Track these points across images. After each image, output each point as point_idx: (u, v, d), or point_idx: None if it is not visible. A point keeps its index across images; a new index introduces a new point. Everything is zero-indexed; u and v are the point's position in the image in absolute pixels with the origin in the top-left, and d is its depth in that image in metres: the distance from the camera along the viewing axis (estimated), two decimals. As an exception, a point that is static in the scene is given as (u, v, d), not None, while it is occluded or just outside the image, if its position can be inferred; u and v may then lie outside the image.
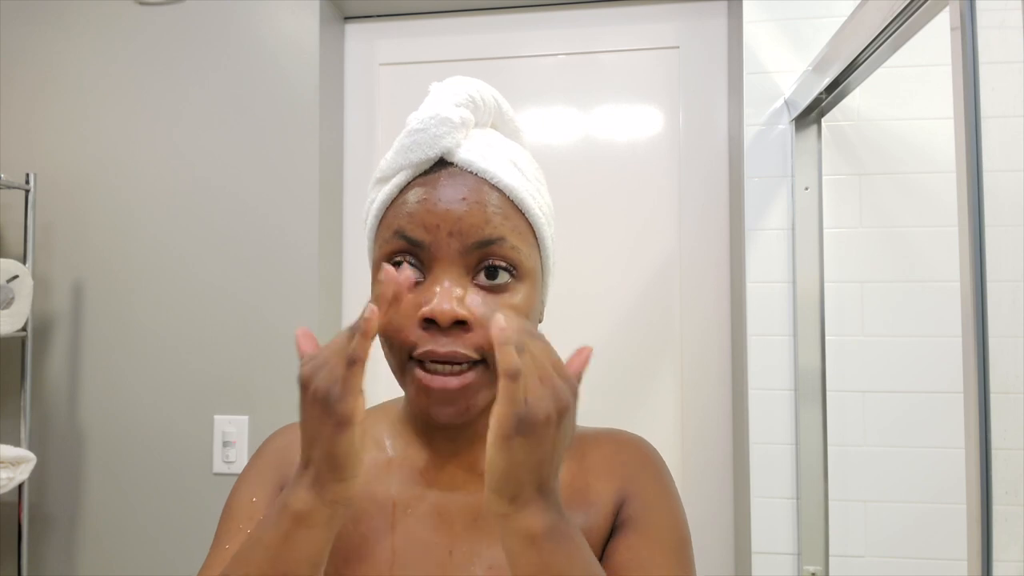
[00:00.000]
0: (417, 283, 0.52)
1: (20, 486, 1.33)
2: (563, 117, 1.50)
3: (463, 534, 0.56)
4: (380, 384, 1.51)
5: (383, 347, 0.54)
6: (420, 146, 0.53)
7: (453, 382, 0.50)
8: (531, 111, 1.50)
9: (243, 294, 1.41)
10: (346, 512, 0.47)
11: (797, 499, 1.22)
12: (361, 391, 0.45)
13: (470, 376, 0.51)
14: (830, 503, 1.21)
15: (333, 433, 0.44)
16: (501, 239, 0.52)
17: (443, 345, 0.50)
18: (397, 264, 0.53)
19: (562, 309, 1.45)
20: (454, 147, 0.53)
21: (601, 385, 1.44)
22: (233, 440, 1.39)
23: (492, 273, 0.52)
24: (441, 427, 0.58)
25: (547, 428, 0.42)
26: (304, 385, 0.45)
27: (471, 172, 0.53)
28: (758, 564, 1.23)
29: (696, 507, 1.38)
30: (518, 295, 0.53)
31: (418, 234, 0.52)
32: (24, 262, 1.36)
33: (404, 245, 0.52)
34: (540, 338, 0.44)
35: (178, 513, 1.40)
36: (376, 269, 0.56)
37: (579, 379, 0.45)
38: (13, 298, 1.32)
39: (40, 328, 1.46)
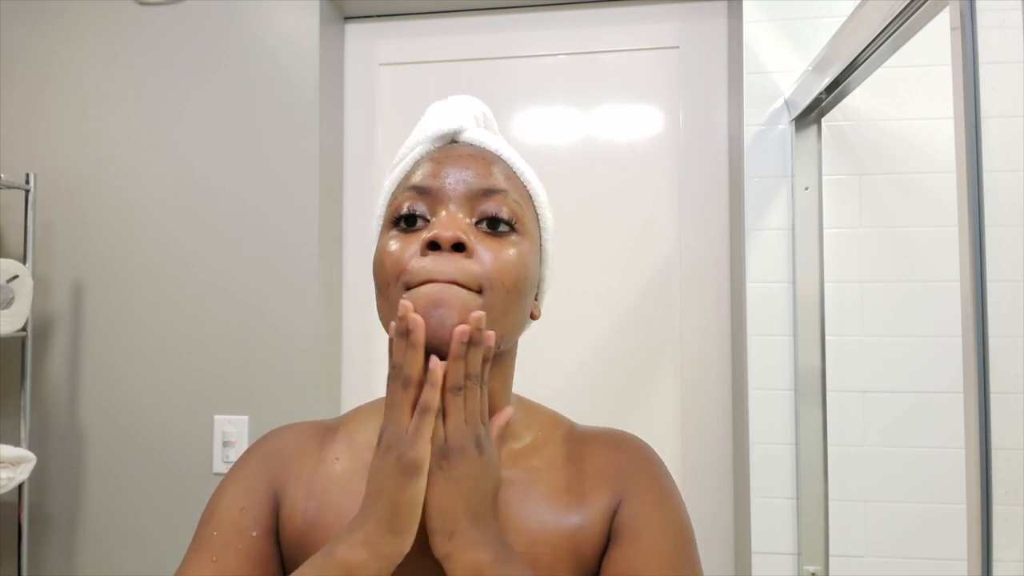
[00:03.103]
0: (419, 229, 0.54)
1: (20, 486, 1.33)
2: (563, 117, 1.50)
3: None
4: (380, 378, 1.51)
5: (377, 294, 0.55)
6: (436, 121, 0.58)
7: (440, 292, 0.49)
8: (531, 111, 1.50)
9: (243, 294, 1.41)
10: (391, 568, 0.48)
11: (797, 499, 1.22)
12: (429, 440, 0.48)
13: (464, 292, 0.50)
14: (830, 503, 1.21)
15: (402, 480, 0.47)
16: (504, 191, 0.55)
17: (443, 271, 0.50)
18: (402, 218, 0.54)
19: (562, 309, 1.45)
20: (467, 126, 0.59)
21: (601, 385, 1.44)
22: (233, 440, 1.39)
23: (494, 223, 0.54)
24: None
25: (464, 458, 0.48)
26: (379, 440, 0.49)
27: (483, 148, 0.58)
28: (758, 564, 1.23)
29: (696, 507, 1.38)
30: (517, 247, 0.54)
31: (426, 182, 0.55)
32: (24, 262, 1.36)
33: (412, 195, 0.55)
34: (479, 389, 0.49)
35: (178, 513, 1.40)
36: (379, 238, 0.57)
37: (497, 431, 0.54)
38: (13, 298, 1.32)
39: (40, 328, 1.46)
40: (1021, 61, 0.60)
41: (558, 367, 1.45)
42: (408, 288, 0.51)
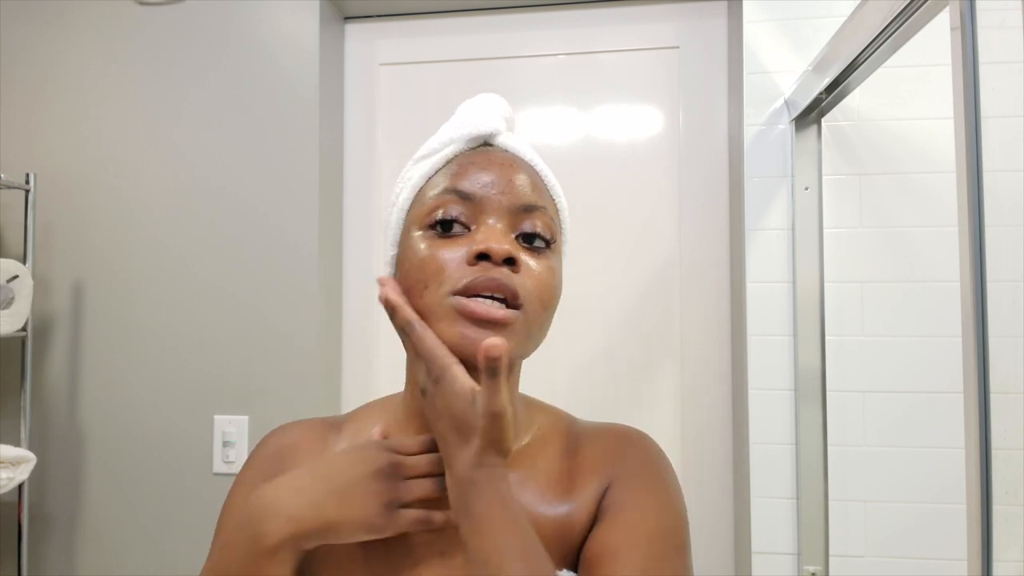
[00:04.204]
0: (457, 235, 0.53)
1: (20, 486, 1.33)
2: (563, 117, 1.50)
3: (453, 536, 0.54)
4: (380, 378, 1.51)
5: (410, 292, 0.53)
6: (473, 122, 0.57)
7: (499, 312, 0.50)
8: (531, 111, 1.50)
9: (243, 294, 1.41)
10: None
11: (797, 499, 1.22)
12: None
13: (513, 315, 0.51)
14: (830, 503, 1.21)
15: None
16: (544, 208, 0.55)
17: (495, 279, 0.50)
18: (438, 224, 0.54)
19: (562, 309, 1.44)
20: (501, 130, 0.58)
21: (601, 385, 1.44)
22: (233, 440, 1.39)
23: (530, 238, 0.55)
24: None
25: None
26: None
27: (518, 156, 0.58)
28: (758, 564, 1.23)
29: (696, 507, 1.38)
30: (551, 262, 0.55)
31: (469, 188, 0.54)
32: (24, 262, 1.36)
33: (453, 198, 0.54)
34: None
35: (178, 513, 1.40)
36: (406, 235, 0.56)
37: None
38: (13, 298, 1.32)
39: (40, 328, 1.46)
40: (1021, 61, 0.60)
41: (558, 367, 1.45)
42: (454, 294, 0.51)
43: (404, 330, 0.51)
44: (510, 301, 0.51)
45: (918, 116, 1.24)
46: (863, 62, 0.98)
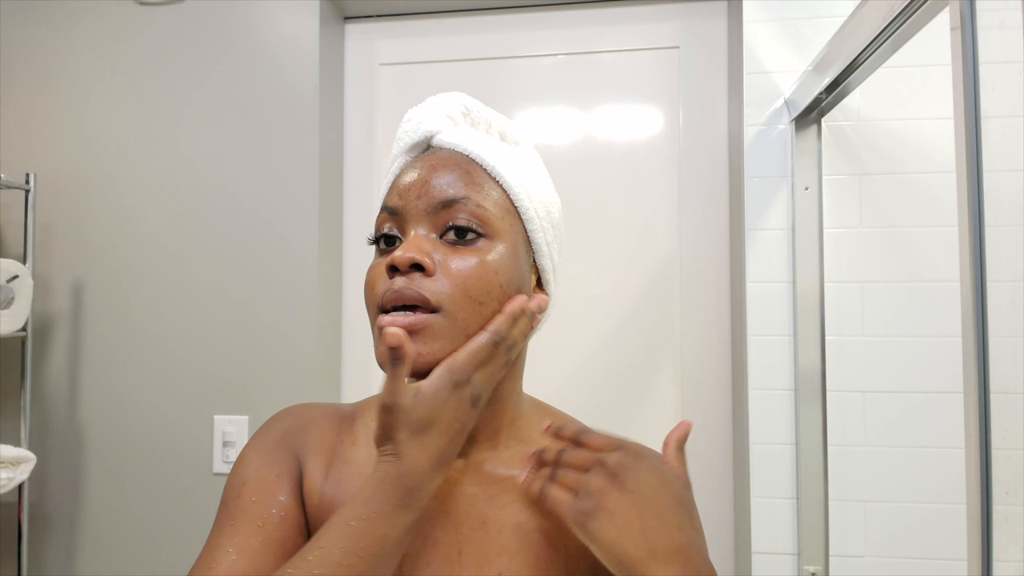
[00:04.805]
0: (392, 249, 0.55)
1: (20, 486, 1.34)
2: (563, 117, 1.50)
3: (472, 536, 0.55)
4: (380, 377, 1.51)
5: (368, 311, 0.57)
6: (408, 133, 0.58)
7: (401, 320, 0.50)
8: (531, 111, 1.50)
9: (243, 294, 1.41)
10: None
11: (797, 499, 1.22)
12: None
13: (421, 318, 0.50)
14: (830, 503, 1.21)
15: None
16: (465, 198, 0.54)
17: (400, 291, 0.51)
18: (381, 238, 0.56)
19: (563, 310, 1.44)
20: (441, 128, 0.58)
21: (602, 385, 1.44)
22: (233, 440, 1.39)
23: (460, 232, 0.53)
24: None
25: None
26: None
27: (453, 151, 0.57)
28: (758, 564, 1.23)
29: (696, 507, 1.38)
30: (488, 253, 0.53)
31: (394, 202, 0.55)
32: (24, 262, 1.36)
33: (385, 216, 0.56)
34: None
35: (178, 513, 1.40)
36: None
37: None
38: (13, 298, 1.32)
39: (40, 328, 1.46)
40: (1021, 61, 0.60)
41: (559, 367, 1.45)
42: (381, 311, 0.52)
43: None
44: (423, 306, 0.51)
45: (918, 116, 1.24)
46: (863, 62, 0.98)
